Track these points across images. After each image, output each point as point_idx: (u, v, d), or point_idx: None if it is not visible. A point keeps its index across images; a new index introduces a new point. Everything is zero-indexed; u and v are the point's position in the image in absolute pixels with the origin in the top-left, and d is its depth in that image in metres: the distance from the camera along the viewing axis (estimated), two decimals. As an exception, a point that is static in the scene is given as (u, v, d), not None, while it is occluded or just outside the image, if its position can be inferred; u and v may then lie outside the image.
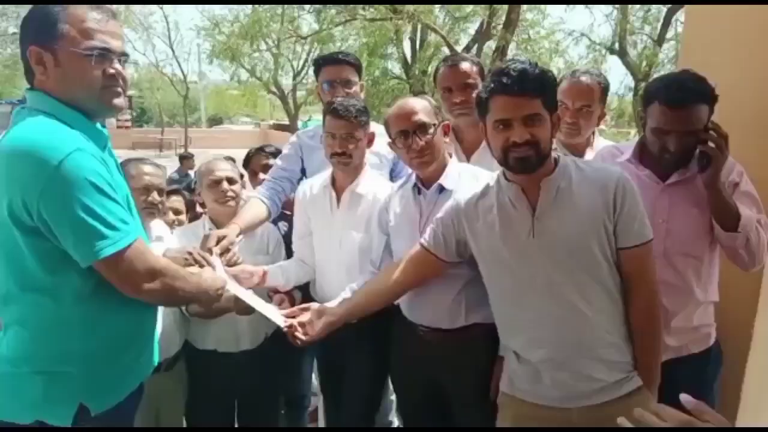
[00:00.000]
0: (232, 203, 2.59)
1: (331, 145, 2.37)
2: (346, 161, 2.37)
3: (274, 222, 2.83)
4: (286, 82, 22.57)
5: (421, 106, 2.11)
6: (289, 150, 2.84)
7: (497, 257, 1.86)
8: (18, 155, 1.39)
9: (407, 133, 2.08)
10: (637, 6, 15.47)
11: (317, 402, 3.35)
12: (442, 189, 2.13)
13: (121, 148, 18.19)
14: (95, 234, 1.41)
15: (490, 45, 13.89)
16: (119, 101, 1.55)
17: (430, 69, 14.05)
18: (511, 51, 13.10)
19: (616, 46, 15.02)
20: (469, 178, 2.13)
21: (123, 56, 1.54)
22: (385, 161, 2.74)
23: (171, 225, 2.91)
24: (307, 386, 3.31)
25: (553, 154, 1.83)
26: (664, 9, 14.94)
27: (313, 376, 3.29)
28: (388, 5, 12.38)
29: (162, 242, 2.52)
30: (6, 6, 21.60)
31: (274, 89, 21.92)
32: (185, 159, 9.76)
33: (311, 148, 2.78)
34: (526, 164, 1.74)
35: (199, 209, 3.17)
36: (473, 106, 2.44)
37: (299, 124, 24.93)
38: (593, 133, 2.64)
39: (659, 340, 1.83)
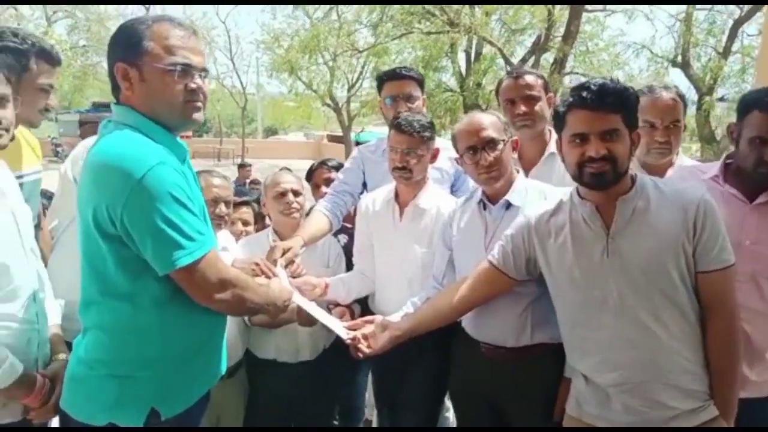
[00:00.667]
0: (296, 215, 2.62)
1: (393, 160, 2.37)
2: (408, 176, 2.36)
3: (334, 234, 2.85)
4: (341, 93, 22.83)
5: (489, 122, 2.09)
6: (350, 164, 2.87)
7: (568, 276, 1.81)
8: (105, 167, 1.44)
9: (476, 148, 2.06)
10: (702, 17, 15.01)
11: (369, 414, 3.34)
12: (509, 205, 2.09)
13: (180, 157, 18.71)
14: (173, 244, 1.45)
15: (547, 57, 13.73)
16: (199, 115, 1.59)
17: (485, 82, 13.97)
18: (569, 63, 12.89)
19: (679, 58, 14.56)
20: (536, 194, 2.09)
21: (203, 71, 1.58)
22: (446, 176, 2.71)
23: (239, 236, 2.97)
24: (362, 399, 3.30)
25: (630, 173, 1.77)
26: (729, 21, 14.42)
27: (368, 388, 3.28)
28: (444, 19, 12.40)
29: (227, 252, 2.57)
30: (77, 19, 22.68)
31: (328, 101, 22.21)
32: (242, 168, 10.08)
33: (373, 162, 2.79)
34: (601, 180, 1.70)
35: (268, 221, 3.23)
36: (535, 119, 2.43)
37: (352, 135, 25.20)
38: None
39: (737, 370, 1.74)
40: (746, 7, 13.85)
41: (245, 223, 3.16)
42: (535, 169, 2.40)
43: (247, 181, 9.90)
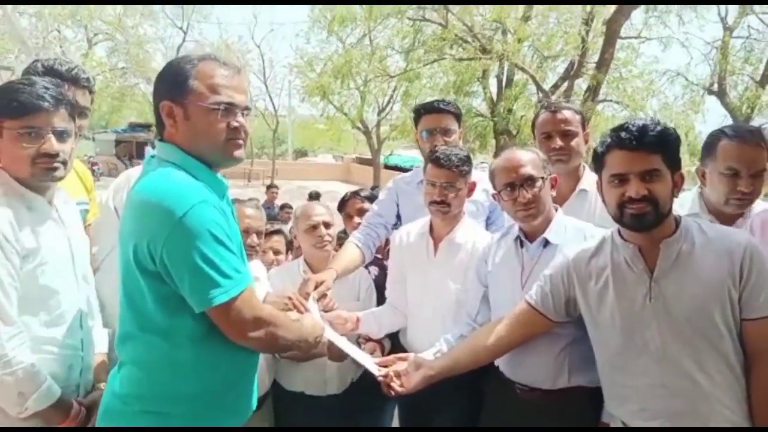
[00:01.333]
0: (329, 247, 2.62)
1: (430, 193, 2.35)
2: (445, 210, 2.34)
3: (366, 266, 2.83)
4: (371, 116, 23.05)
5: (528, 159, 2.06)
6: (385, 195, 2.86)
7: (609, 319, 1.76)
8: (147, 204, 1.46)
9: (514, 185, 2.03)
10: (738, 45, 14.78)
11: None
12: (546, 243, 2.06)
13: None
14: (210, 282, 1.45)
15: (580, 84, 13.65)
16: (240, 152, 1.61)
17: (516, 107, 13.92)
18: (603, 90, 12.77)
19: (715, 86, 14.35)
20: (575, 232, 2.05)
21: (246, 110, 1.59)
22: (482, 209, 2.69)
23: (270, 264, 2.96)
24: (386, 432, 3.25)
25: (676, 215, 1.73)
26: (767, 49, 14.20)
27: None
28: (477, 45, 12.43)
29: (259, 282, 2.57)
30: (117, 42, 23.35)
31: (359, 124, 22.43)
32: (270, 189, 10.25)
33: (407, 194, 2.78)
34: (642, 221, 1.66)
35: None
36: (571, 155, 2.40)
37: (381, 158, 25.34)
38: None
39: None
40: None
41: (276, 252, 3.16)
42: (566, 205, 2.35)
43: (276, 203, 9.98)
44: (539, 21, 13.69)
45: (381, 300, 2.68)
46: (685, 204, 2.24)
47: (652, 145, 1.63)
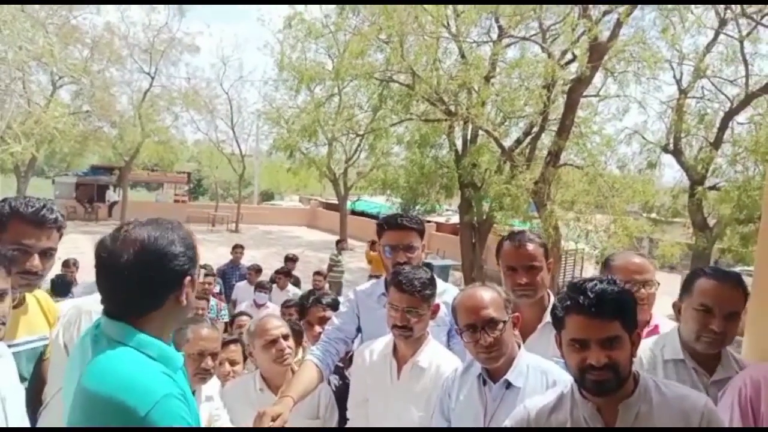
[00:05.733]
0: (289, 360, 2.56)
1: (393, 317, 2.34)
2: (408, 334, 2.33)
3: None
4: (339, 164, 23.18)
5: (490, 299, 2.07)
6: (346, 308, 2.79)
7: (570, 479, 1.75)
8: (102, 401, 1.34)
9: (475, 327, 2.03)
10: (693, 106, 15.38)
11: None
12: (509, 384, 2.05)
13: (176, 222, 18.71)
14: None
15: (544, 140, 13.98)
16: None
17: (480, 161, 14.14)
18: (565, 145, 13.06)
19: (671, 145, 14.86)
20: (538, 374, 2.05)
21: None
22: (443, 324, 2.67)
23: (226, 377, 2.87)
24: None
25: (634, 372, 1.75)
26: (720, 112, 14.80)
27: None
28: (441, 106, 12.68)
29: (212, 402, 2.49)
30: (82, 85, 23.02)
31: (326, 171, 22.54)
32: (235, 249, 9.70)
33: (368, 307, 2.73)
34: (603, 387, 1.68)
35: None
36: (536, 289, 2.42)
37: (348, 204, 25.38)
38: None
39: None
40: (737, 99, 14.29)
41: (233, 363, 3.02)
42: (532, 338, 2.36)
43: (243, 262, 9.67)
44: (501, 81, 14.05)
45: (343, 414, 2.62)
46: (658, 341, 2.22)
47: (612, 312, 1.66)
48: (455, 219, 18.05)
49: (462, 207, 15.02)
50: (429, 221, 22.51)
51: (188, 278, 1.49)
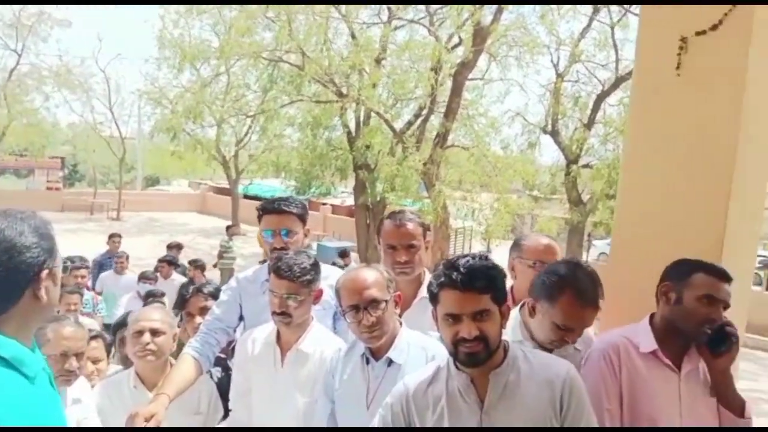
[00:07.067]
0: (151, 358, 2.44)
1: (273, 304, 2.30)
2: (287, 321, 2.30)
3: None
4: (229, 147, 22.47)
5: (373, 280, 2.08)
6: (227, 296, 2.70)
7: (447, 450, 1.81)
8: None
9: (358, 307, 2.05)
10: (569, 89, 16.39)
11: None
12: (390, 362, 2.09)
13: (49, 210, 17.32)
14: None
15: (433, 121, 14.35)
16: None
17: (373, 142, 14.28)
18: (452, 127, 13.49)
19: (549, 127, 15.78)
20: (418, 350, 2.10)
21: None
22: (328, 307, 2.65)
23: (90, 376, 2.69)
24: None
25: (504, 342, 1.83)
26: (594, 95, 15.88)
27: None
28: (333, 87, 12.62)
29: (80, 404, 2.33)
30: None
31: (215, 154, 21.77)
32: (112, 238, 8.99)
33: (251, 294, 2.65)
34: (475, 359, 1.74)
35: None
36: (414, 267, 2.48)
37: (240, 188, 24.71)
38: None
39: None
40: (608, 82, 15.40)
41: (95, 361, 2.84)
42: (409, 313, 2.41)
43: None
44: (392, 63, 14.20)
45: (227, 405, 2.55)
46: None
47: (482, 287, 1.72)
48: (351, 201, 18.10)
49: (356, 189, 15.12)
50: (325, 203, 22.51)
51: (46, 272, 1.37)
